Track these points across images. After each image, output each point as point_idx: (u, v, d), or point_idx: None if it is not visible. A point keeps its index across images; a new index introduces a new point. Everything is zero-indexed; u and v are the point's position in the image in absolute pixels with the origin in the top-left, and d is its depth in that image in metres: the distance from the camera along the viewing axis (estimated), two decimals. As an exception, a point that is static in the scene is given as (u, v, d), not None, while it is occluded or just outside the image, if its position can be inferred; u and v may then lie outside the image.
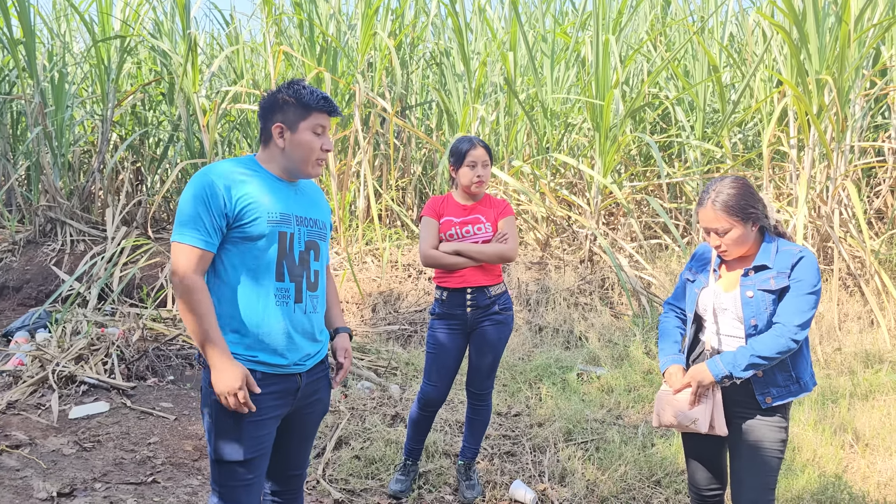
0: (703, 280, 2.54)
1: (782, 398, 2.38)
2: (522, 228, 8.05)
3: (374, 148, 8.41)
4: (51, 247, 7.50)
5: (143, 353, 5.08)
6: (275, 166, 2.22)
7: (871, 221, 7.51)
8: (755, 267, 2.40)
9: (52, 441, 3.93)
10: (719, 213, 2.35)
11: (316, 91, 2.20)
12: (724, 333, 2.48)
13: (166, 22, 8.38)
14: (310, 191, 2.34)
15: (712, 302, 2.48)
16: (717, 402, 2.43)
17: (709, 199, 2.38)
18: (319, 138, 2.19)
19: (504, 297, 3.46)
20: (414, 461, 3.59)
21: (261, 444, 2.15)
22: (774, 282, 2.35)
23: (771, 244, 2.42)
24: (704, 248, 2.63)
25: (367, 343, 6.03)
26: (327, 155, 2.24)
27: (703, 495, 2.65)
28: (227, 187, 2.08)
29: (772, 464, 2.40)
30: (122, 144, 8.03)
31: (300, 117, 2.17)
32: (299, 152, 2.18)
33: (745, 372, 2.32)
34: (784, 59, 6.90)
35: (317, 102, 2.17)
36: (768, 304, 2.36)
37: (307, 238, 2.22)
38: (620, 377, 5.09)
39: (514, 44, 7.88)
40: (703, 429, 2.42)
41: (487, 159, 3.38)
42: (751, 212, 2.36)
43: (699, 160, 7.75)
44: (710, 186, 2.40)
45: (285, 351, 2.16)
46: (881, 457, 3.83)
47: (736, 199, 2.35)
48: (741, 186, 2.38)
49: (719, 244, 2.40)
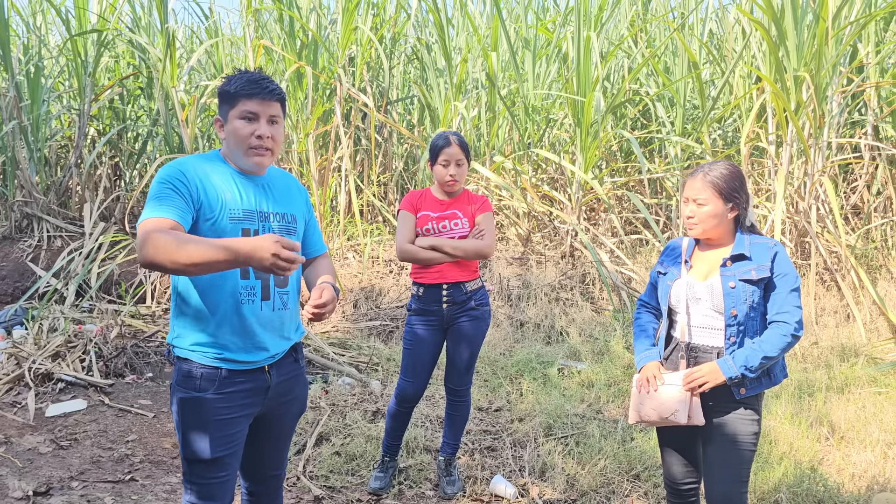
0: (675, 272, 2.57)
1: (755, 390, 2.41)
2: (504, 224, 8.06)
3: (355, 143, 8.38)
4: (27, 243, 7.41)
5: (122, 350, 5.04)
6: (231, 161, 2.16)
7: (848, 217, 7.61)
8: (733, 257, 2.44)
9: (28, 439, 3.88)
10: (706, 184, 2.44)
11: (245, 75, 2.10)
12: (695, 325, 2.50)
13: (144, 16, 8.29)
14: (280, 183, 2.27)
15: (685, 293, 2.50)
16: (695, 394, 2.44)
17: (701, 171, 2.48)
18: (250, 124, 2.08)
19: (480, 293, 3.46)
20: (392, 458, 3.59)
21: (230, 442, 2.12)
22: (756, 273, 2.39)
23: (744, 236, 2.48)
24: (675, 242, 2.67)
25: (349, 339, 6.02)
26: (270, 142, 2.10)
27: (678, 489, 2.66)
28: (193, 178, 2.04)
29: (744, 456, 2.42)
30: (100, 139, 7.95)
31: (229, 106, 2.10)
32: (234, 142, 2.10)
33: (755, 372, 2.36)
34: (763, 56, 6.96)
35: (240, 88, 2.07)
36: (748, 294, 2.39)
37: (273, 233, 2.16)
38: (601, 372, 5.12)
39: (495, 40, 7.87)
40: (681, 420, 2.43)
41: (462, 157, 3.34)
42: (734, 196, 2.44)
43: (679, 156, 7.79)
44: (708, 163, 2.50)
45: (252, 348, 2.12)
46: (856, 449, 3.89)
47: (726, 179, 2.44)
48: (735, 172, 2.47)
49: (692, 216, 2.47)
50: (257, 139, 2.09)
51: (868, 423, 4.16)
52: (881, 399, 4.56)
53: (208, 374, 2.08)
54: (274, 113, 2.12)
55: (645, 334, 2.69)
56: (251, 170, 2.15)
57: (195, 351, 2.09)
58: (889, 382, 4.87)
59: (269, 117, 2.11)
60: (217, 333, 2.09)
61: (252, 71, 2.14)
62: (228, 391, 2.09)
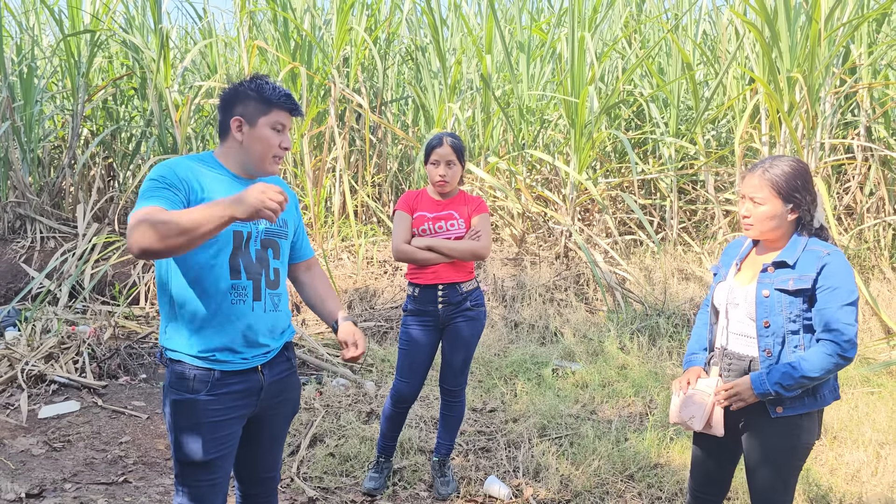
0: (724, 273, 2.46)
1: (794, 410, 2.25)
2: (498, 224, 8.07)
3: (349, 144, 8.38)
4: (20, 244, 7.38)
5: (115, 352, 5.03)
6: (232, 162, 2.16)
7: (841, 217, 7.64)
8: (775, 263, 2.28)
9: (21, 441, 3.87)
10: (763, 182, 2.27)
11: (279, 87, 2.15)
12: (733, 331, 2.38)
13: (137, 16, 8.26)
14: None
15: (726, 297, 2.39)
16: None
17: (761, 167, 2.30)
18: (279, 135, 2.13)
19: (476, 294, 3.46)
20: (387, 458, 3.59)
21: (223, 444, 2.11)
22: (794, 283, 2.22)
23: (800, 238, 2.29)
24: (738, 240, 2.54)
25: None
26: (285, 153, 2.17)
27: (696, 495, 2.58)
28: (187, 178, 2.04)
29: (780, 475, 2.29)
30: (94, 140, 7.92)
31: (261, 112, 2.11)
32: (257, 147, 2.12)
33: (792, 392, 2.19)
34: (756, 57, 6.98)
35: (279, 98, 2.12)
36: (784, 305, 2.23)
37: (264, 237, 2.16)
38: (595, 372, 5.13)
39: (489, 41, 7.88)
40: (696, 426, 2.36)
41: (453, 158, 3.33)
42: (795, 196, 2.26)
43: (673, 157, 7.81)
44: (770, 158, 2.32)
45: (243, 349, 2.12)
46: (849, 449, 3.90)
47: (786, 177, 2.26)
48: (799, 169, 2.28)
49: (748, 215, 2.31)
50: (283, 150, 2.15)
51: (861, 423, 4.18)
52: (874, 399, 4.58)
53: (201, 376, 2.07)
54: (290, 127, 2.20)
55: (696, 336, 2.58)
56: (257, 174, 2.18)
57: (187, 352, 2.08)
58: (882, 382, 4.90)
59: (289, 131, 2.19)
60: (209, 335, 2.08)
61: (279, 85, 2.19)
62: (221, 393, 2.09)
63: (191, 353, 2.08)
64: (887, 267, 6.77)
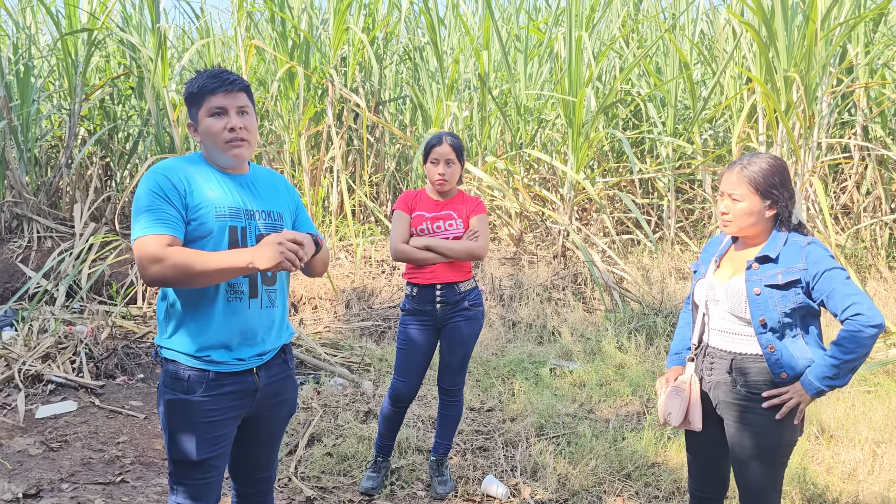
0: (703, 270, 2.48)
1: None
2: (496, 224, 8.07)
3: (347, 143, 8.38)
4: (17, 243, 7.37)
5: (112, 351, 5.02)
6: (211, 160, 2.15)
7: (838, 217, 7.65)
8: (759, 258, 2.30)
9: (18, 441, 3.86)
10: (742, 179, 2.29)
11: (204, 73, 2.11)
12: (714, 327, 2.41)
13: (135, 15, 8.25)
14: (265, 182, 2.25)
15: (706, 293, 2.41)
16: (693, 398, 2.39)
17: (739, 164, 2.32)
18: (220, 119, 2.08)
19: (474, 293, 3.46)
20: (385, 458, 3.59)
21: (217, 444, 2.11)
22: (783, 276, 2.24)
23: (780, 234, 2.32)
24: (718, 237, 2.55)
25: (340, 339, 6.01)
26: (244, 132, 2.09)
27: (697, 495, 2.58)
28: (178, 181, 2.03)
29: (763, 469, 2.31)
30: (91, 139, 7.91)
31: (196, 107, 2.10)
32: (209, 141, 2.10)
33: (841, 379, 2.19)
34: (753, 57, 6.99)
35: (202, 86, 2.07)
36: (777, 301, 2.24)
37: (259, 231, 2.13)
38: (592, 372, 5.14)
39: (487, 40, 7.89)
40: (674, 423, 2.39)
41: (452, 157, 3.33)
42: (772, 192, 2.28)
43: (670, 156, 7.82)
44: (748, 155, 2.34)
45: (239, 349, 2.10)
46: (845, 448, 3.91)
47: (764, 174, 2.28)
48: (776, 166, 2.30)
49: (727, 212, 2.33)
50: (230, 132, 2.08)
51: (857, 422, 4.19)
52: (870, 398, 4.59)
53: (196, 376, 2.07)
54: (241, 104, 2.11)
55: (680, 335, 2.60)
56: (232, 166, 2.15)
57: (182, 352, 2.08)
58: (878, 381, 4.90)
59: (237, 109, 2.10)
60: (205, 334, 2.07)
61: (211, 67, 2.14)
62: (216, 393, 2.08)
63: (186, 352, 2.07)
64: (884, 266, 6.79)
